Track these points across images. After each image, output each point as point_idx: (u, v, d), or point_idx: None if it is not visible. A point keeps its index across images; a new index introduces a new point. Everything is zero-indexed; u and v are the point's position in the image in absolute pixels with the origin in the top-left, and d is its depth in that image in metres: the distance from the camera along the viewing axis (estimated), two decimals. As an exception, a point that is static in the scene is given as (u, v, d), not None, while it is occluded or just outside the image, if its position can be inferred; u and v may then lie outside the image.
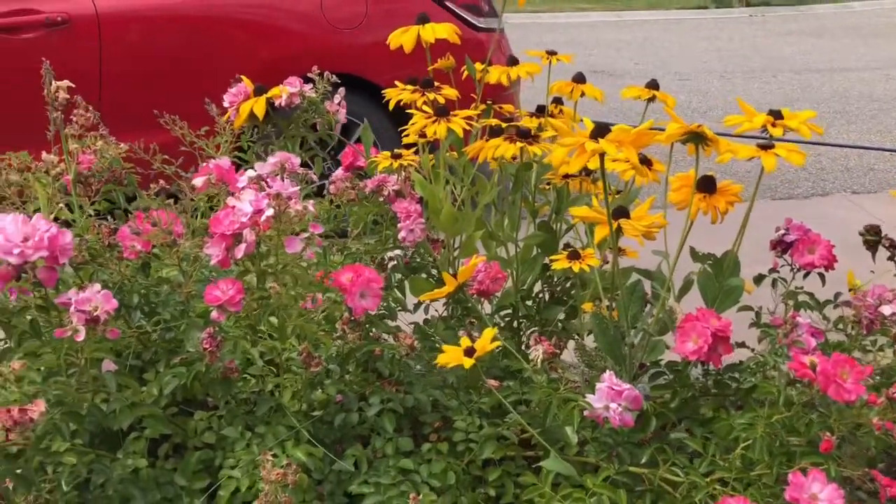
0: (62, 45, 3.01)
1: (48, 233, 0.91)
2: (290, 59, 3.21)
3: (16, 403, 0.86)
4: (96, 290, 0.95)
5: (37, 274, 0.92)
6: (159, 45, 3.12)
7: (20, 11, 2.97)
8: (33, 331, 0.95)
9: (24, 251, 0.90)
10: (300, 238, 1.02)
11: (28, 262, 0.91)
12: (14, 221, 0.91)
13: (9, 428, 0.83)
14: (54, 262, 0.93)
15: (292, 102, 1.49)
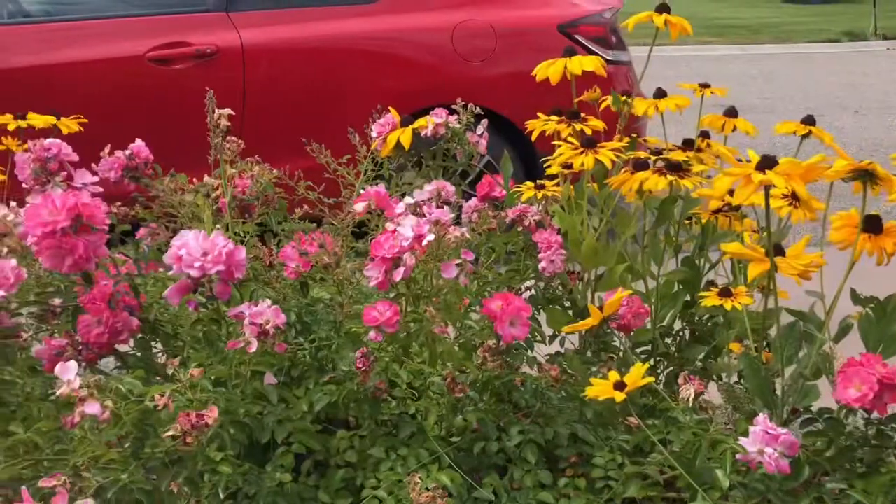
0: (209, 75, 3.19)
1: (225, 248, 0.96)
2: (421, 90, 3.29)
3: (190, 408, 0.91)
4: (267, 304, 1.00)
5: (213, 288, 0.98)
6: (297, 76, 3.26)
7: (173, 44, 3.18)
8: (207, 341, 1.00)
9: (203, 265, 0.95)
10: (455, 264, 1.04)
11: (206, 276, 0.97)
12: (195, 237, 0.97)
13: (187, 431, 0.88)
14: (229, 277, 0.98)
15: (437, 133, 1.52)
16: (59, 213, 0.95)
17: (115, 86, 3.16)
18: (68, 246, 0.96)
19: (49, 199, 0.97)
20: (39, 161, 1.15)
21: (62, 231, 0.96)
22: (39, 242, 0.96)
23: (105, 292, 1.17)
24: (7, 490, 0.93)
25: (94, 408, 0.89)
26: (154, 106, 3.13)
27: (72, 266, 0.98)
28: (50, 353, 1.23)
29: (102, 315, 1.15)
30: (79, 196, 0.98)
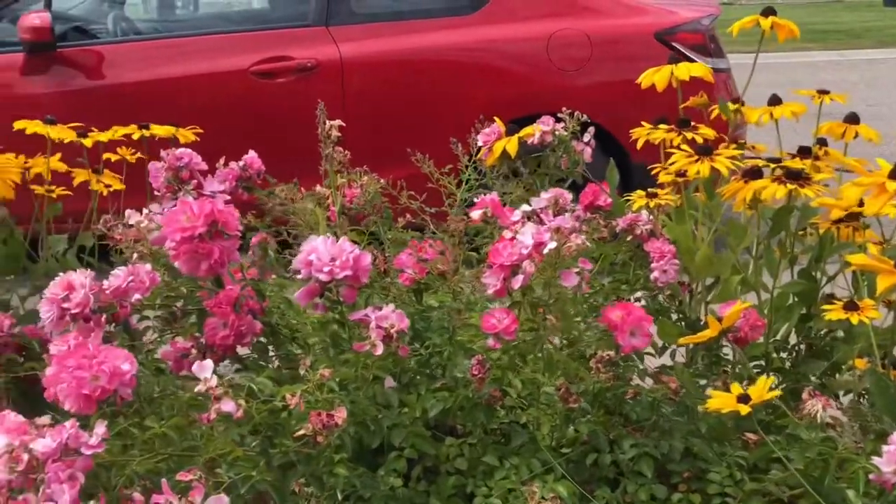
0: (309, 88, 3.28)
1: (353, 254, 0.99)
2: (515, 100, 3.30)
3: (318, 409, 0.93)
4: (391, 309, 1.02)
5: (340, 292, 1.00)
6: (394, 87, 3.32)
7: (276, 58, 3.28)
8: (334, 344, 1.03)
9: (332, 270, 0.98)
10: (574, 272, 1.03)
11: (334, 280, 0.99)
12: (324, 243, 1.00)
13: (318, 431, 0.90)
14: (355, 282, 1.00)
15: (544, 141, 1.52)
16: (197, 220, 1.00)
17: (221, 99, 3.28)
18: (205, 251, 1.00)
19: (187, 205, 1.01)
20: (172, 170, 1.20)
21: (199, 237, 1.00)
22: (177, 247, 1.00)
23: (231, 296, 1.21)
24: (145, 482, 0.97)
25: (230, 405, 0.93)
26: (257, 118, 3.24)
27: (207, 270, 1.02)
28: (175, 354, 1.28)
29: (228, 318, 1.19)
30: (214, 203, 1.02)
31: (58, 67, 3.26)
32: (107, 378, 0.94)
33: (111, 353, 0.96)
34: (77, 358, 0.94)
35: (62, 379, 0.94)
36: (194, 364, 0.97)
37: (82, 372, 0.93)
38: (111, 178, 1.89)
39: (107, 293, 1.12)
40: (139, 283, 1.12)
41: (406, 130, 3.28)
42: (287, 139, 3.02)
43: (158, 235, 1.15)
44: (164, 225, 1.01)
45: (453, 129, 3.51)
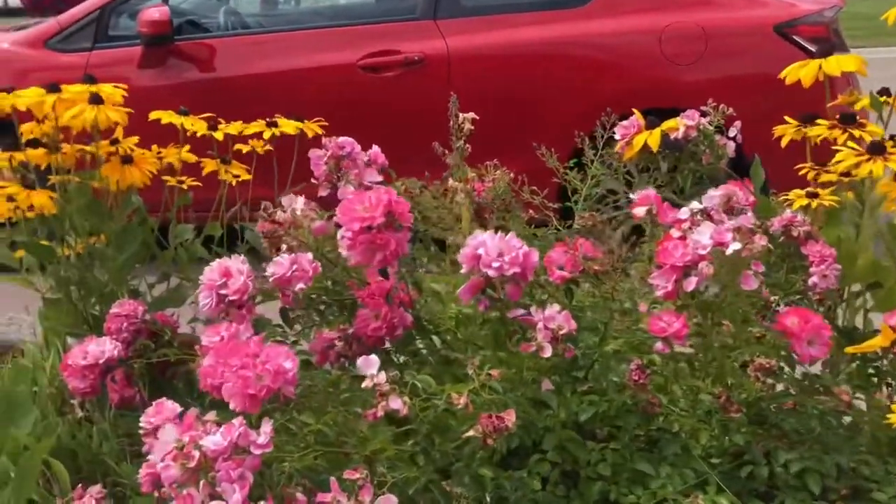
0: (416, 81, 3.28)
1: (522, 250, 0.95)
2: (627, 94, 3.21)
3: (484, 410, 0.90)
4: (556, 309, 0.98)
5: (504, 288, 0.97)
6: (501, 81, 3.28)
7: (384, 52, 3.28)
8: (496, 342, 1.00)
9: (502, 265, 0.95)
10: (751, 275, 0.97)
11: (502, 276, 0.96)
12: (491, 237, 0.97)
13: (488, 433, 0.87)
14: (523, 279, 0.97)
15: (688, 136, 1.45)
16: (375, 210, 0.98)
17: (329, 93, 3.30)
18: (382, 242, 0.99)
19: (363, 195, 1.00)
20: (334, 158, 1.19)
21: (377, 227, 0.98)
22: (354, 237, 0.99)
23: (384, 288, 1.19)
24: (304, 480, 0.96)
25: (397, 403, 0.91)
26: (363, 112, 3.24)
27: (381, 261, 1.01)
28: (322, 346, 1.27)
29: (381, 310, 1.17)
30: (391, 193, 1.00)
31: (173, 61, 3.34)
32: (271, 377, 0.93)
33: (273, 351, 0.95)
34: (240, 356, 0.94)
35: (226, 377, 0.94)
36: (360, 360, 0.95)
37: (247, 371, 0.93)
38: (239, 168, 1.91)
39: (270, 281, 1.12)
40: (302, 271, 1.11)
41: (512, 125, 3.24)
42: (393, 133, 3.01)
43: (319, 224, 1.14)
44: (341, 214, 1.00)
45: (560, 124, 3.46)
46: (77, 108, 1.61)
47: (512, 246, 0.96)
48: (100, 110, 1.61)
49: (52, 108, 1.61)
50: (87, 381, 1.62)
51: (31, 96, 1.62)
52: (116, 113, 1.63)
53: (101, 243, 1.80)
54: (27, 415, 1.72)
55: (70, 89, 1.62)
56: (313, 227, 1.15)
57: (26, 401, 1.75)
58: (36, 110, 1.64)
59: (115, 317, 1.70)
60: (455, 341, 1.20)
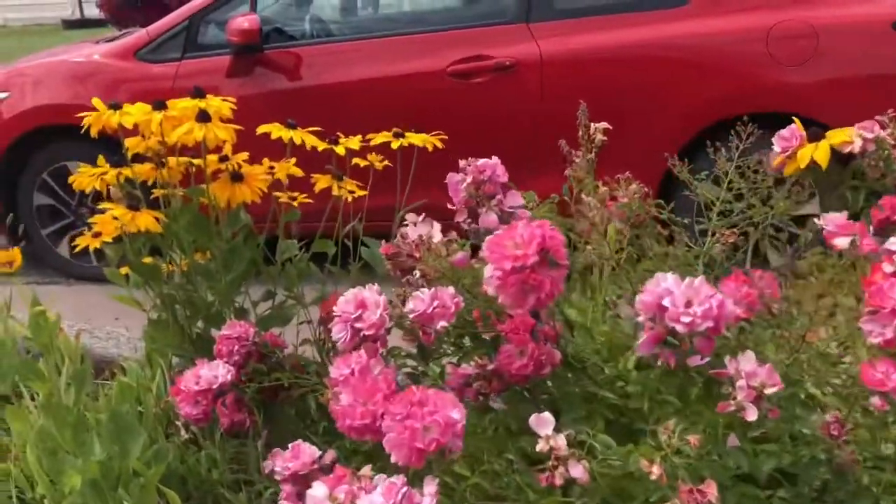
0: (507, 87, 3.17)
1: (714, 299, 0.84)
2: (730, 97, 3.06)
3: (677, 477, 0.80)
4: (753, 361, 0.86)
5: (693, 341, 0.86)
6: (596, 86, 3.15)
7: (473, 58, 3.19)
8: (684, 402, 0.89)
9: (694, 321, 0.83)
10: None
11: (693, 332, 0.85)
12: (677, 283, 0.85)
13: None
14: (715, 333, 0.85)
15: (866, 150, 1.31)
16: (528, 247, 0.88)
17: (417, 100, 3.22)
18: (535, 283, 0.89)
19: (513, 229, 0.90)
20: (475, 183, 1.10)
21: (531, 267, 0.88)
22: (504, 278, 0.89)
23: (529, 322, 1.10)
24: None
25: (578, 470, 0.81)
26: (453, 120, 3.15)
27: (534, 304, 0.91)
28: (458, 382, 1.18)
29: (527, 346, 1.08)
30: (544, 227, 0.90)
31: (261, 70, 3.31)
32: (440, 430, 0.83)
33: (440, 399, 0.86)
34: (404, 405, 0.85)
35: (389, 427, 0.85)
36: (532, 417, 0.85)
37: (414, 422, 0.83)
38: (352, 184, 1.83)
39: (410, 318, 1.03)
40: (444, 308, 1.02)
41: (610, 132, 3.10)
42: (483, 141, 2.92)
43: (461, 256, 1.05)
44: (489, 252, 0.90)
45: (660, 130, 3.31)
46: (185, 127, 1.55)
47: (703, 295, 0.85)
48: (208, 129, 1.55)
49: (158, 126, 1.55)
50: (199, 406, 1.56)
51: (137, 114, 1.57)
52: (225, 131, 1.57)
53: (207, 261, 1.75)
54: (136, 438, 1.67)
55: (177, 105, 1.57)
56: (454, 259, 1.06)
57: (134, 423, 1.70)
58: (142, 128, 1.59)
59: (226, 339, 1.64)
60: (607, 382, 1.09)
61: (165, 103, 1.58)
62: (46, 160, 3.46)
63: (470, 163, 1.13)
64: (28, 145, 3.44)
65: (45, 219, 3.55)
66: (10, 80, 3.55)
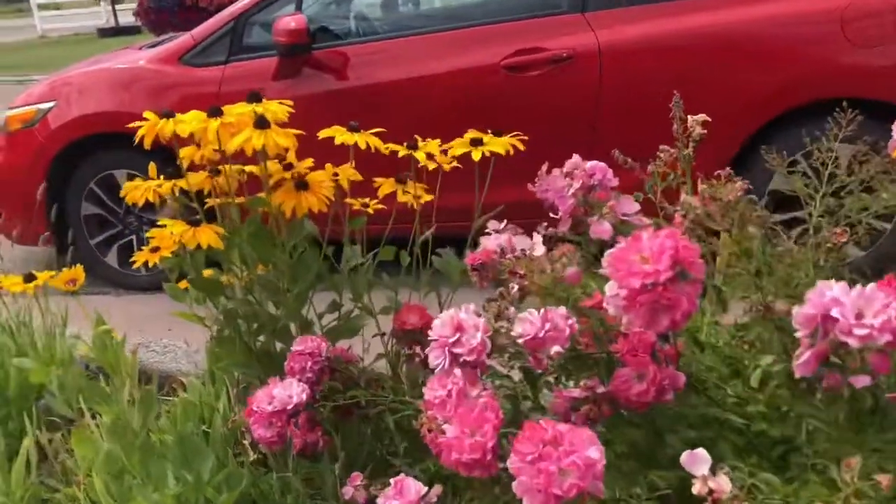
0: (564, 80, 3.05)
1: (893, 308, 0.72)
2: (800, 84, 2.90)
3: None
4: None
5: (864, 357, 0.74)
6: (657, 76, 3.01)
7: (528, 50, 3.07)
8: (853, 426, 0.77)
9: (870, 333, 0.71)
10: None
11: (867, 346, 0.73)
12: (845, 292, 0.73)
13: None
14: (892, 346, 0.74)
15: None
16: (660, 261, 0.77)
17: (470, 96, 3.12)
18: (670, 301, 0.78)
19: (638, 241, 0.79)
20: (585, 189, 0.99)
21: (663, 283, 0.77)
22: (632, 297, 0.78)
23: (647, 342, 0.98)
24: None
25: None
26: (509, 114, 3.04)
27: (669, 325, 0.79)
28: (564, 406, 1.07)
29: (647, 369, 0.96)
30: (676, 237, 0.79)
31: (308, 70, 3.23)
32: (579, 473, 0.73)
33: (575, 436, 0.75)
34: (535, 444, 0.74)
35: (519, 470, 0.74)
36: (684, 454, 0.74)
37: (548, 464, 0.73)
38: (418, 187, 1.73)
39: (519, 342, 0.92)
40: (557, 331, 0.91)
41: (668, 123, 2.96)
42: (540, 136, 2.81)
43: (573, 272, 0.94)
44: (612, 267, 0.79)
45: (726, 120, 3.15)
46: (243, 135, 1.45)
47: (879, 304, 0.73)
48: (267, 136, 1.45)
49: (215, 135, 1.46)
50: (273, 428, 1.47)
51: (192, 122, 1.48)
52: (285, 138, 1.47)
53: (270, 273, 1.65)
54: (205, 461, 1.59)
55: (233, 111, 1.47)
56: (566, 274, 0.95)
57: (202, 445, 1.62)
58: (198, 137, 1.50)
59: (298, 355, 1.55)
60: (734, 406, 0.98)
61: (221, 109, 1.48)
62: (94, 169, 3.42)
63: (575, 166, 1.02)
64: (75, 154, 3.40)
65: (92, 228, 3.51)
66: (56, 89, 3.52)
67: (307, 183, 1.57)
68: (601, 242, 0.99)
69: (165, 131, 1.47)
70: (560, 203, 1.00)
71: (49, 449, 1.86)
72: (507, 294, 1.17)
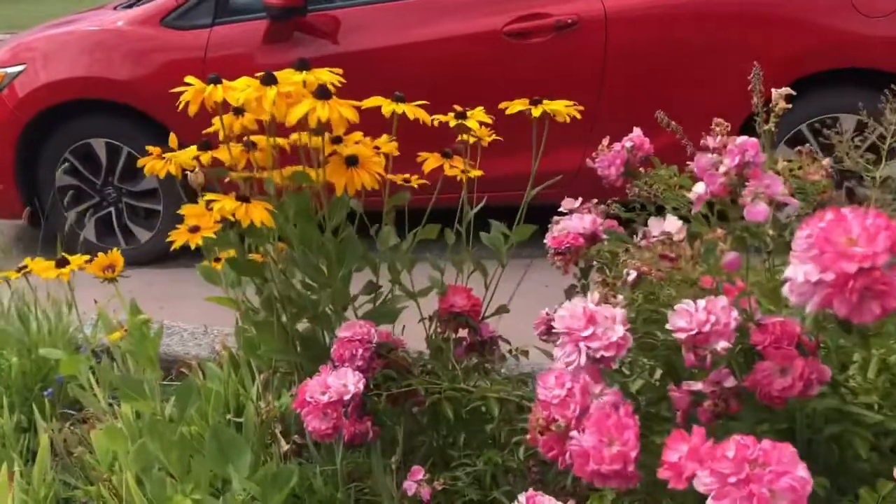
0: (568, 47, 2.96)
1: None
2: (806, 54, 2.87)
3: None
4: None
5: None
6: (662, 43, 2.94)
7: (532, 16, 2.97)
8: None
9: None
10: None
11: None
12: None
13: None
14: None
15: None
16: (873, 244, 0.70)
17: (470, 63, 3.01)
18: (883, 287, 0.71)
19: (843, 221, 0.72)
20: (738, 168, 0.91)
21: (880, 268, 0.70)
22: (841, 284, 0.71)
23: (792, 333, 0.92)
24: None
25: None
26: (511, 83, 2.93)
27: (879, 314, 0.73)
28: (685, 401, 1.00)
29: (793, 362, 0.90)
30: (884, 217, 0.72)
31: (300, 35, 3.07)
32: (794, 496, 0.66)
33: (781, 453, 0.68)
34: (737, 463, 0.67)
35: (721, 493, 0.67)
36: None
37: (759, 486, 0.66)
38: (462, 162, 1.64)
39: (679, 337, 0.85)
40: (721, 325, 0.84)
41: (679, 93, 2.91)
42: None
43: (734, 257, 0.86)
44: (815, 249, 0.72)
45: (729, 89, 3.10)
46: (304, 105, 1.34)
47: None
48: (331, 108, 1.34)
49: (272, 105, 1.33)
50: (329, 420, 1.38)
51: (245, 90, 1.35)
52: (351, 111, 1.36)
53: (312, 255, 1.55)
54: (242, 455, 1.49)
55: (288, 79, 1.35)
56: (726, 259, 0.87)
57: (238, 438, 1.52)
58: (252, 108, 1.37)
59: (347, 342, 1.45)
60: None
61: (275, 77, 1.36)
62: (68, 138, 3.22)
63: (723, 142, 0.94)
64: (47, 123, 3.19)
65: (68, 200, 3.31)
66: (22, 53, 3.28)
67: (357, 158, 1.45)
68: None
69: (214, 97, 1.34)
70: (709, 182, 0.92)
71: (59, 443, 1.73)
72: (608, 280, 1.09)
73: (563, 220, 1.25)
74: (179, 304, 2.84)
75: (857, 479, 0.98)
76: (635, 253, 0.98)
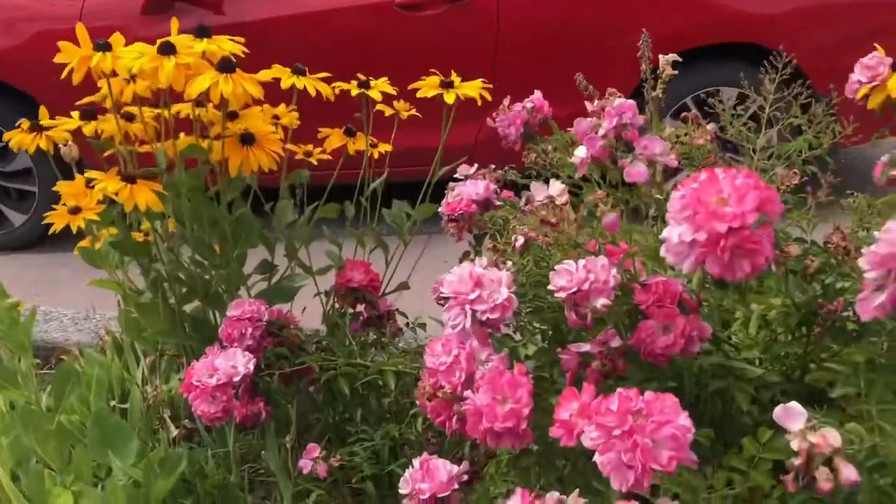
0: (461, 19, 2.95)
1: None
2: (684, 30, 2.95)
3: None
4: None
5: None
6: (555, 17, 2.97)
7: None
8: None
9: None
10: None
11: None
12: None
13: None
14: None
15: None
16: (743, 203, 0.72)
17: (360, 35, 2.95)
18: (753, 245, 0.73)
19: (714, 181, 0.73)
20: (615, 130, 0.92)
21: (749, 226, 0.72)
22: (712, 244, 0.73)
23: (673, 292, 0.94)
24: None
25: (851, 472, 0.67)
26: (401, 56, 2.90)
27: (749, 272, 0.75)
28: (574, 362, 1.02)
29: (674, 320, 0.93)
30: (755, 178, 0.74)
31: (181, 5, 2.93)
32: (676, 444, 0.67)
33: (657, 402, 0.69)
34: (621, 415, 0.68)
35: (607, 446, 0.68)
36: (778, 409, 0.70)
37: (642, 437, 0.67)
38: (362, 140, 1.60)
39: (560, 296, 0.85)
40: (601, 283, 0.85)
41: (569, 66, 2.94)
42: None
43: (612, 218, 0.87)
44: (688, 209, 0.74)
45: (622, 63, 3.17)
46: (206, 78, 1.25)
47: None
48: (235, 83, 1.27)
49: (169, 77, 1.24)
50: (218, 403, 1.33)
51: (138, 59, 1.25)
52: (255, 86, 1.29)
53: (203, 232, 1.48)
54: (127, 441, 1.43)
55: (187, 47, 1.26)
56: (606, 221, 0.88)
57: (123, 425, 1.45)
58: (146, 77, 1.28)
59: (236, 321, 1.41)
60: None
61: (174, 45, 1.27)
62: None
63: (602, 105, 0.95)
64: None
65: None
66: None
67: (253, 136, 1.39)
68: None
69: (102, 66, 1.25)
70: (589, 145, 0.93)
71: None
72: (498, 246, 1.09)
73: (458, 186, 1.24)
74: (59, 289, 2.70)
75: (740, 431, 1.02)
76: (522, 219, 0.98)
